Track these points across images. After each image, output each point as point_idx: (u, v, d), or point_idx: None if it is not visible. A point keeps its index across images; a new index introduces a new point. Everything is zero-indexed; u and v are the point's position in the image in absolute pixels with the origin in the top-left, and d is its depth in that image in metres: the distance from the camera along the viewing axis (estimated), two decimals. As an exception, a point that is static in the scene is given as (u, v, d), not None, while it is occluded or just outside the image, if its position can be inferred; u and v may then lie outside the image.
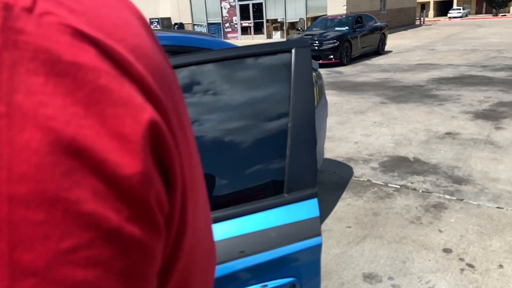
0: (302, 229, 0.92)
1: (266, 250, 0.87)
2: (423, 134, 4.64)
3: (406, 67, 9.76)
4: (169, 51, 2.02)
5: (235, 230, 0.89)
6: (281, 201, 0.96)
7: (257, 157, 1.01)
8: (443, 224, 2.75)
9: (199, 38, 2.23)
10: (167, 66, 0.25)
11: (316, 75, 3.08)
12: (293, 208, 0.95)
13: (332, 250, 2.52)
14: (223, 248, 0.84)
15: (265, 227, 0.90)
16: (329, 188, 3.38)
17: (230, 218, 0.90)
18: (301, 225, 0.92)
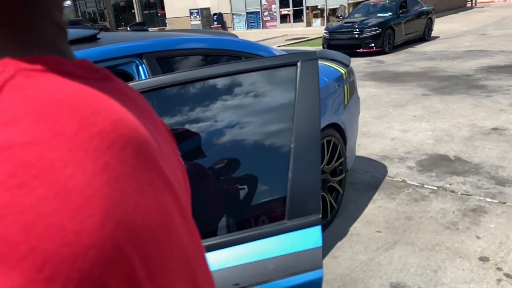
0: (302, 261, 0.89)
1: (262, 283, 0.85)
2: (466, 130, 4.38)
3: (454, 54, 9.22)
4: (205, 54, 2.01)
5: (230, 260, 0.87)
6: (282, 228, 0.93)
7: (258, 180, 0.99)
8: (482, 230, 2.60)
9: (233, 40, 2.21)
10: None
11: (347, 71, 2.98)
12: (294, 236, 0.92)
13: (359, 256, 2.45)
14: (216, 279, 0.83)
15: (263, 258, 0.88)
16: (360, 188, 3.28)
17: (225, 246, 0.88)
18: (302, 256, 0.89)
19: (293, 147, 0.94)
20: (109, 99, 0.27)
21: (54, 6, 0.31)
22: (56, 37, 0.30)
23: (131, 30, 2.31)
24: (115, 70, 1.65)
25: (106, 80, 0.31)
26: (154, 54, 1.72)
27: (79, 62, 0.30)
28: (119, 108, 0.27)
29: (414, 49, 10.73)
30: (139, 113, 0.33)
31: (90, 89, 0.27)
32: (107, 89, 0.29)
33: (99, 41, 1.74)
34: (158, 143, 0.32)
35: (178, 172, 0.37)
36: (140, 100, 0.37)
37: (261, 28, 21.62)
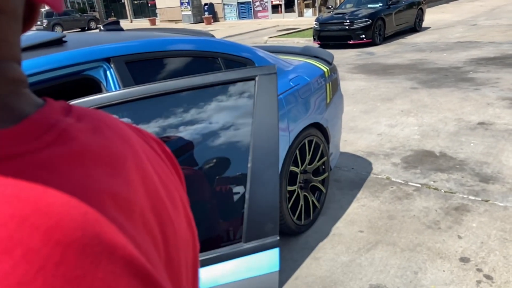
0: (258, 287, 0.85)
1: (213, 312, 0.82)
2: (453, 125, 4.37)
3: (444, 45, 9.20)
4: (193, 56, 1.95)
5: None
6: (238, 251, 0.90)
7: (212, 200, 0.95)
8: (464, 229, 2.59)
9: (210, 41, 2.15)
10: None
11: (330, 69, 2.93)
12: (250, 260, 0.89)
13: (340, 258, 2.43)
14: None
15: (215, 284, 0.85)
16: (345, 186, 3.26)
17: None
18: (257, 282, 0.86)
19: (250, 167, 0.90)
20: (44, 193, 0.24)
21: (9, 59, 0.29)
22: (10, 95, 0.28)
23: (105, 30, 2.24)
24: (81, 76, 1.59)
25: (56, 143, 0.28)
26: (123, 58, 1.66)
27: (20, 128, 0.27)
28: (48, 202, 0.24)
29: (404, 40, 10.69)
30: (111, 170, 0.30)
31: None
32: (46, 164, 0.26)
33: (65, 45, 1.68)
34: (131, 205, 0.30)
35: (176, 220, 0.36)
36: (122, 147, 0.33)
37: (252, 19, 21.42)
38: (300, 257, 2.49)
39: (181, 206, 0.40)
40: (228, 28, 18.32)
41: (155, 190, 0.35)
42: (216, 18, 22.71)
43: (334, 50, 10.18)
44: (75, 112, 0.33)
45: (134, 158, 0.34)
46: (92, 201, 0.26)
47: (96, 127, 0.32)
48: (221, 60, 2.12)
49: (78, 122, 0.31)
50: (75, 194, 0.25)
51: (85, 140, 0.30)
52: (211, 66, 2.02)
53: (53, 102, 0.32)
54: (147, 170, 0.35)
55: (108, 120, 0.36)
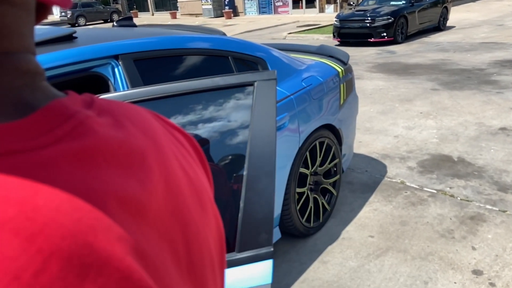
0: (249, 300, 0.82)
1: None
2: (473, 129, 4.23)
3: (468, 46, 8.94)
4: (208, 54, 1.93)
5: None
6: (230, 260, 0.87)
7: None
8: (478, 240, 2.50)
9: (222, 39, 2.12)
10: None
11: (345, 69, 2.87)
12: (243, 271, 0.86)
13: (348, 262, 2.39)
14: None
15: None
16: (357, 189, 3.20)
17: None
18: (249, 294, 0.83)
19: (245, 175, 0.87)
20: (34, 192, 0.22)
21: (22, 51, 0.27)
22: (24, 88, 0.27)
23: (118, 26, 2.24)
24: (89, 73, 1.58)
25: (67, 138, 0.25)
26: (131, 56, 1.65)
27: (29, 121, 0.25)
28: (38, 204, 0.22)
29: (427, 39, 10.43)
30: (125, 169, 0.28)
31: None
32: (47, 162, 0.24)
33: (75, 41, 1.67)
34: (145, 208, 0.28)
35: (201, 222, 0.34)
36: (143, 143, 0.31)
37: (272, 14, 21.28)
38: (308, 260, 2.45)
39: (210, 206, 0.38)
40: (247, 23, 18.25)
41: (179, 190, 0.32)
42: (236, 12, 22.66)
43: (354, 47, 10.02)
44: (97, 105, 0.31)
45: (157, 155, 0.32)
46: (92, 205, 0.24)
47: (117, 121, 0.30)
48: (232, 59, 2.08)
49: (98, 116, 0.29)
50: (73, 197, 0.23)
51: (101, 135, 0.28)
52: (221, 65, 2.00)
53: (74, 95, 0.31)
54: (171, 168, 0.33)
55: (132, 113, 0.34)
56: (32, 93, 0.27)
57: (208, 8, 22.95)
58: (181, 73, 1.77)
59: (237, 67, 2.12)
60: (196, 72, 1.83)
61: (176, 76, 1.74)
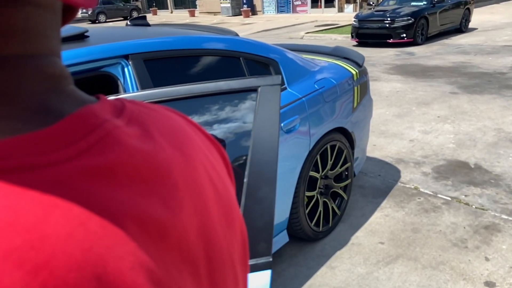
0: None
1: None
2: (492, 135, 4.12)
3: (490, 49, 8.71)
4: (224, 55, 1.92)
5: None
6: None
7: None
8: (492, 251, 2.43)
9: (234, 40, 2.11)
10: None
11: (359, 71, 2.82)
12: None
13: (357, 269, 2.35)
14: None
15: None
16: (369, 194, 3.15)
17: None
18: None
19: (246, 182, 0.85)
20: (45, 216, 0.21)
21: (47, 54, 0.26)
22: (48, 92, 0.26)
23: (131, 25, 2.25)
24: (99, 72, 1.59)
25: (91, 151, 0.24)
26: (141, 56, 1.65)
27: (53, 131, 0.23)
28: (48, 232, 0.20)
29: (448, 41, 10.21)
30: (147, 187, 0.26)
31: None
32: (65, 179, 0.22)
33: (87, 40, 1.68)
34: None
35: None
36: (171, 156, 0.30)
37: (291, 13, 21.19)
38: (316, 264, 2.42)
39: (238, 222, 0.36)
40: (265, 22, 18.21)
41: (205, 206, 0.31)
42: (255, 11, 22.64)
43: (372, 48, 9.89)
44: (128, 112, 0.29)
45: (184, 169, 0.30)
46: (106, 229, 0.22)
47: (146, 131, 0.29)
48: (243, 60, 2.07)
49: (127, 125, 0.28)
50: (86, 221, 0.22)
51: (126, 148, 0.26)
52: (232, 66, 1.98)
53: (105, 100, 0.29)
54: (199, 182, 0.31)
55: (164, 122, 0.32)
56: (57, 99, 0.26)
57: (226, 7, 23.00)
58: (191, 74, 1.77)
59: (248, 69, 2.11)
60: (206, 73, 1.83)
61: (186, 77, 1.73)
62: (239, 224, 0.36)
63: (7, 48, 0.24)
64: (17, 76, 0.24)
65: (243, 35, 14.70)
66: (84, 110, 0.26)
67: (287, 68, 2.34)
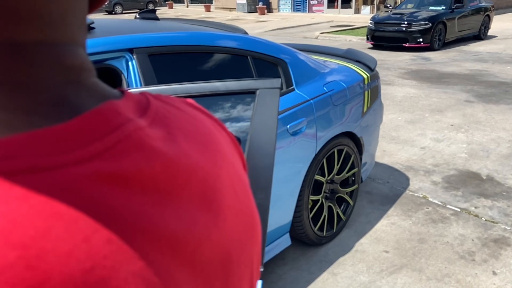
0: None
1: None
2: (506, 146, 4.01)
3: (509, 57, 8.52)
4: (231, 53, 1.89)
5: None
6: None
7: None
8: (500, 265, 2.35)
9: (256, 40, 2.08)
10: None
11: (371, 75, 2.76)
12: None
13: (359, 277, 2.29)
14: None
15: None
16: (376, 200, 3.08)
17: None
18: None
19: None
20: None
21: (67, 42, 0.24)
22: (67, 85, 0.24)
23: (140, 18, 2.22)
24: (103, 65, 1.56)
25: (105, 155, 0.22)
26: (146, 50, 1.61)
27: (70, 128, 0.21)
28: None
29: (466, 47, 10.03)
30: (162, 196, 0.24)
31: None
32: (72, 186, 0.20)
33: (93, 32, 1.66)
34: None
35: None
36: (192, 162, 0.27)
37: (307, 12, 21.06)
38: (317, 270, 2.37)
39: (259, 231, 0.35)
40: (280, 20, 18.12)
41: (224, 219, 0.29)
42: (270, 9, 22.57)
43: (388, 52, 9.76)
44: (153, 110, 0.27)
45: (206, 178, 0.28)
46: (113, 246, 0.20)
47: (169, 135, 0.27)
48: (251, 59, 2.03)
49: (151, 126, 0.26)
50: (91, 236, 0.20)
51: (146, 154, 0.24)
52: (239, 65, 1.94)
53: (130, 96, 0.27)
54: (221, 192, 0.29)
55: (189, 124, 0.30)
56: (76, 92, 0.24)
57: (242, 3, 22.97)
58: (197, 71, 1.73)
59: (256, 68, 2.06)
60: (212, 71, 1.79)
61: (192, 74, 1.70)
62: (259, 233, 0.35)
63: (26, 34, 0.22)
64: (34, 66, 0.22)
65: (257, 33, 14.53)
66: (105, 106, 0.23)
67: (296, 69, 2.30)
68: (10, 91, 0.21)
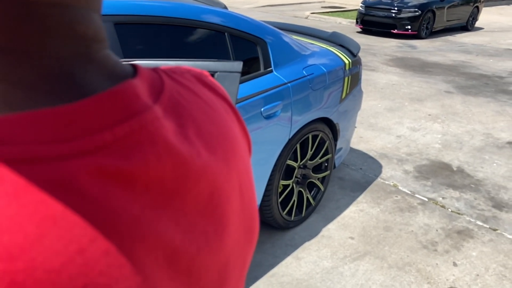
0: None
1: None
2: (480, 139, 4.08)
3: (493, 51, 8.60)
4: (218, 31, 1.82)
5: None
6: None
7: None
8: (461, 257, 2.42)
9: (236, 17, 2.00)
10: None
11: (352, 61, 2.72)
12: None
13: (323, 262, 2.32)
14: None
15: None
16: (347, 186, 3.10)
17: None
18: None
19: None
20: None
21: (83, 6, 0.21)
22: (76, 58, 0.21)
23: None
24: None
25: (107, 149, 0.19)
26: (111, 18, 1.53)
27: (76, 110, 0.19)
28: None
29: (452, 38, 10.06)
30: (163, 198, 0.22)
31: None
32: (73, 181, 0.18)
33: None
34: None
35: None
36: (201, 159, 0.25)
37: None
38: (282, 253, 2.39)
39: (257, 229, 0.33)
40: (272, -3, 17.75)
41: (226, 225, 0.28)
42: (262, -16, 22.05)
43: (376, 37, 9.71)
44: (166, 95, 0.25)
45: (215, 180, 0.26)
46: (109, 260, 0.18)
47: (182, 128, 0.25)
48: (229, 36, 1.96)
49: (164, 114, 0.24)
50: (87, 247, 0.17)
51: (159, 151, 0.22)
52: (214, 41, 1.87)
53: (144, 73, 0.24)
54: (227, 195, 0.28)
55: (203, 114, 0.28)
56: (85, 68, 0.21)
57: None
58: (166, 46, 1.66)
59: (233, 46, 2.00)
60: (183, 46, 1.72)
61: (160, 48, 1.62)
62: (257, 234, 0.34)
63: None
64: (45, 31, 0.20)
65: (247, 8, 14.22)
66: (123, 88, 0.21)
67: (276, 50, 2.24)
68: (16, 61, 0.19)
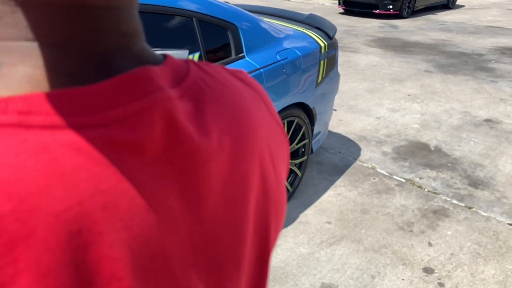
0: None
1: None
2: (457, 118, 4.12)
3: (473, 28, 8.63)
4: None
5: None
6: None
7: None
8: (436, 236, 2.45)
9: (207, 1, 1.94)
10: None
11: (328, 44, 2.69)
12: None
13: (299, 248, 2.33)
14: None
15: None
16: (326, 171, 3.11)
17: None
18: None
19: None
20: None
21: (128, 6, 0.24)
22: (115, 51, 0.23)
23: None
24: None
25: (119, 124, 0.21)
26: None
27: (96, 91, 0.21)
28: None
29: (434, 16, 10.06)
30: (169, 179, 0.24)
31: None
32: (83, 148, 0.20)
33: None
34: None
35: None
36: (213, 148, 0.26)
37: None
38: (261, 240, 2.39)
39: (280, 225, 0.34)
40: (253, -22, 17.43)
41: (231, 227, 0.28)
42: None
43: (358, 18, 9.66)
44: (188, 82, 0.26)
45: (225, 170, 0.27)
46: (108, 211, 0.21)
47: (198, 111, 0.26)
48: (197, 22, 1.90)
49: (181, 98, 0.25)
50: (87, 200, 0.20)
51: (169, 126, 0.23)
52: (181, 28, 1.81)
53: (171, 62, 0.26)
54: (242, 184, 0.28)
55: (226, 99, 0.29)
56: (121, 58, 0.23)
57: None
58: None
59: (202, 32, 1.94)
60: (147, 33, 1.66)
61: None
62: (281, 225, 0.35)
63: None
64: (93, 31, 0.22)
65: (226, -10, 13.76)
66: (138, 71, 0.23)
67: (248, 35, 2.19)
68: (61, 54, 0.21)
